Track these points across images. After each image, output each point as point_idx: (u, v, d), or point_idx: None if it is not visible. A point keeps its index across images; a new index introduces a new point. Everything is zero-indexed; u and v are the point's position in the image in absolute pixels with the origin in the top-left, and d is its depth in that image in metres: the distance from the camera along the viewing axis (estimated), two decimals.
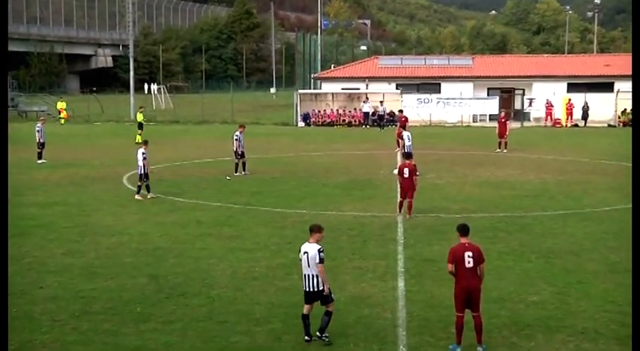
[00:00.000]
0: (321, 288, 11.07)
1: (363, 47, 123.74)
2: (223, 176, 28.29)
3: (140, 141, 39.30)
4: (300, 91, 60.61)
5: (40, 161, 32.54)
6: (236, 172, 28.68)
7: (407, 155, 22.28)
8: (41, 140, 33.20)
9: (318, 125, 56.43)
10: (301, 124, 56.47)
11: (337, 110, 57.66)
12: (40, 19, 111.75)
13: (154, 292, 13.77)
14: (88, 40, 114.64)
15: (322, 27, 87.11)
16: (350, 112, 57.44)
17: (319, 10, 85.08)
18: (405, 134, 28.50)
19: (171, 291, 13.84)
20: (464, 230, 10.95)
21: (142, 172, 23.52)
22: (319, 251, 11.01)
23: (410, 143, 28.03)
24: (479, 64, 62.93)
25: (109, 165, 32.04)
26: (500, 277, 14.54)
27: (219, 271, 15.22)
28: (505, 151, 36.46)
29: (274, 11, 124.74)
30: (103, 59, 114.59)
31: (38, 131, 33.31)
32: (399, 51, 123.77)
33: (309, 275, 11.09)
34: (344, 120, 56.89)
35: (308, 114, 57.56)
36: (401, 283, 14.28)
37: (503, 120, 37.43)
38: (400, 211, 20.71)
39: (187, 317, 12.45)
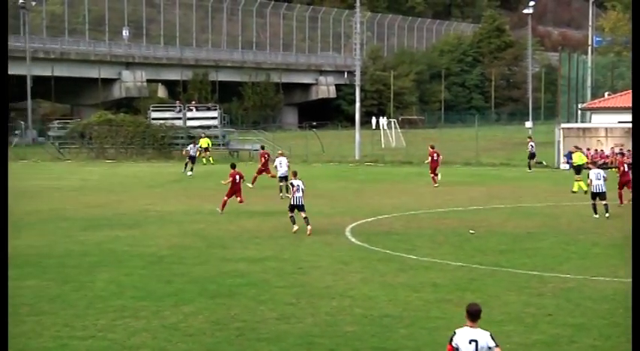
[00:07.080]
0: None
1: None
2: (466, 230, 28.20)
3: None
4: (564, 124, 59.25)
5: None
6: None
7: None
8: (280, 174, 38.23)
9: None
10: (564, 165, 55.06)
11: (612, 149, 55.81)
12: (256, 44, 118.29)
13: None
14: (309, 66, 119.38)
15: (593, 44, 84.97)
16: (629, 151, 55.26)
17: (590, 23, 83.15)
18: None
19: None
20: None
21: None
22: (492, 337, 10.98)
23: None
24: None
25: (329, 214, 32.80)
26: None
27: None
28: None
29: (532, 26, 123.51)
30: (325, 89, 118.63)
31: (280, 165, 38.47)
32: None
33: None
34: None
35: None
36: None
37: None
38: None
39: None
